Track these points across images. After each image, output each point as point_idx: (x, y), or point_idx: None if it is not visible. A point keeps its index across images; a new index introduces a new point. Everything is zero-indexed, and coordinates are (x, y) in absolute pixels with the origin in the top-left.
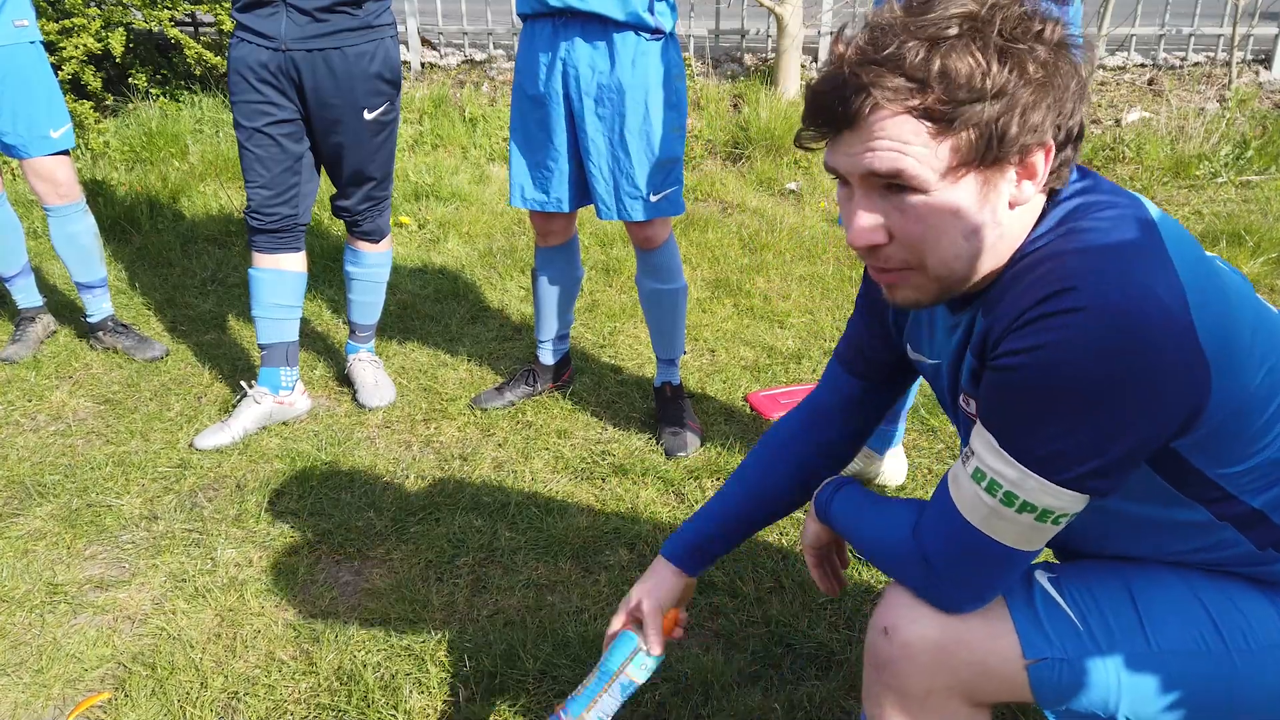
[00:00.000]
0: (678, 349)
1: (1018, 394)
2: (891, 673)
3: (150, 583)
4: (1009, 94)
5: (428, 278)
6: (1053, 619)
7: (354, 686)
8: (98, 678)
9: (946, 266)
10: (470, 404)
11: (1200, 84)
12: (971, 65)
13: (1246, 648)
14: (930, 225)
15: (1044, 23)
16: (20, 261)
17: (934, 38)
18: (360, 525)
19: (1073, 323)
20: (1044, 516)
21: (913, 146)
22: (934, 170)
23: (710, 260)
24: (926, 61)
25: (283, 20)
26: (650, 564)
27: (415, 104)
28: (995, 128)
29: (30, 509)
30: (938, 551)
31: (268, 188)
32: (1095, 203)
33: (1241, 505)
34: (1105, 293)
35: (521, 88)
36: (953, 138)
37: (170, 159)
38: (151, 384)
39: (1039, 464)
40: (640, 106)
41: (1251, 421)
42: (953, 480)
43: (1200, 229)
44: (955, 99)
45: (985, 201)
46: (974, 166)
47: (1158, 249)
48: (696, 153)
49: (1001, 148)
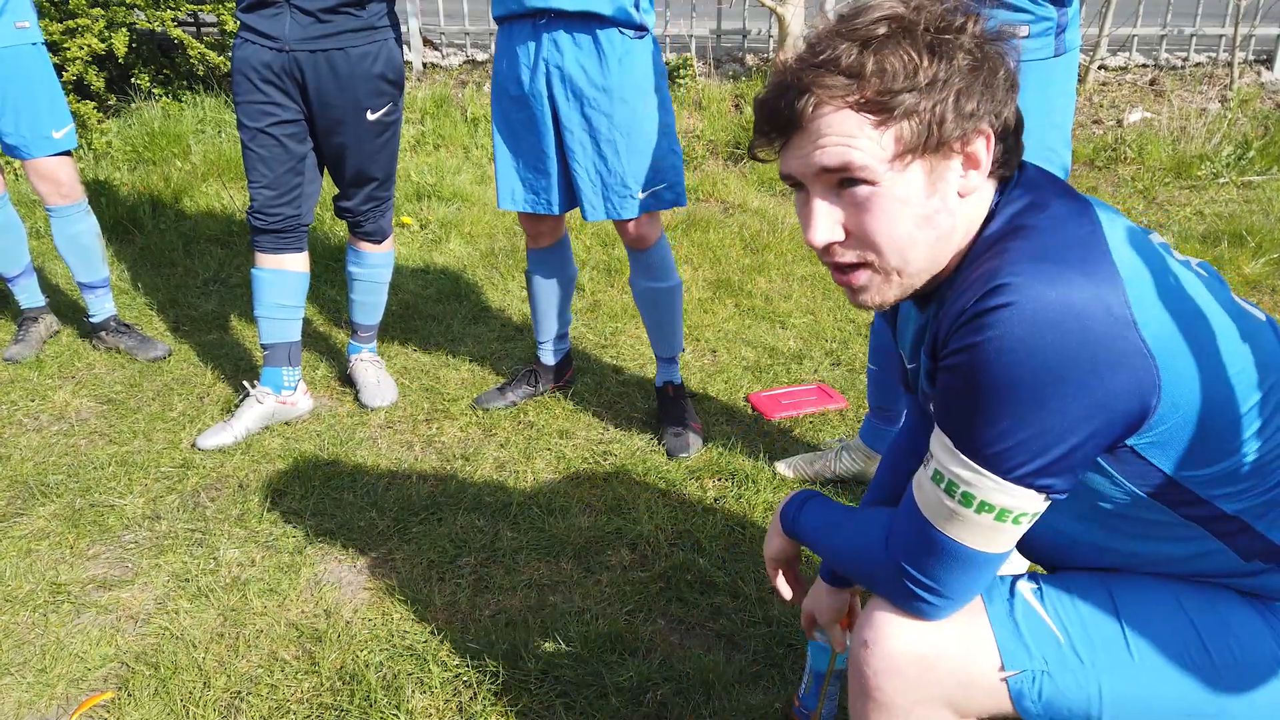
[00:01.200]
0: (677, 346)
1: (962, 393)
2: (874, 686)
3: (153, 582)
4: (941, 82)
5: (430, 278)
6: (1033, 630)
7: (356, 686)
8: (101, 677)
9: (901, 257)
10: (472, 405)
11: (1202, 84)
12: (903, 59)
13: (1232, 661)
14: (883, 215)
15: (966, 17)
16: (23, 262)
17: (865, 38)
18: (362, 525)
19: (1005, 318)
20: (1002, 516)
21: (858, 139)
22: (880, 160)
23: (712, 260)
24: (860, 58)
25: (286, 21)
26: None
27: (417, 104)
28: (934, 114)
29: (33, 509)
30: (908, 559)
31: (271, 188)
32: (1041, 203)
33: (1213, 509)
34: (1035, 288)
35: (503, 89)
36: (895, 126)
37: (173, 159)
38: (154, 384)
39: (989, 461)
40: (629, 104)
41: (1212, 426)
42: (916, 485)
43: (1202, 229)
44: (891, 90)
45: (934, 189)
46: (918, 154)
47: (1096, 246)
48: (698, 153)
49: (942, 133)
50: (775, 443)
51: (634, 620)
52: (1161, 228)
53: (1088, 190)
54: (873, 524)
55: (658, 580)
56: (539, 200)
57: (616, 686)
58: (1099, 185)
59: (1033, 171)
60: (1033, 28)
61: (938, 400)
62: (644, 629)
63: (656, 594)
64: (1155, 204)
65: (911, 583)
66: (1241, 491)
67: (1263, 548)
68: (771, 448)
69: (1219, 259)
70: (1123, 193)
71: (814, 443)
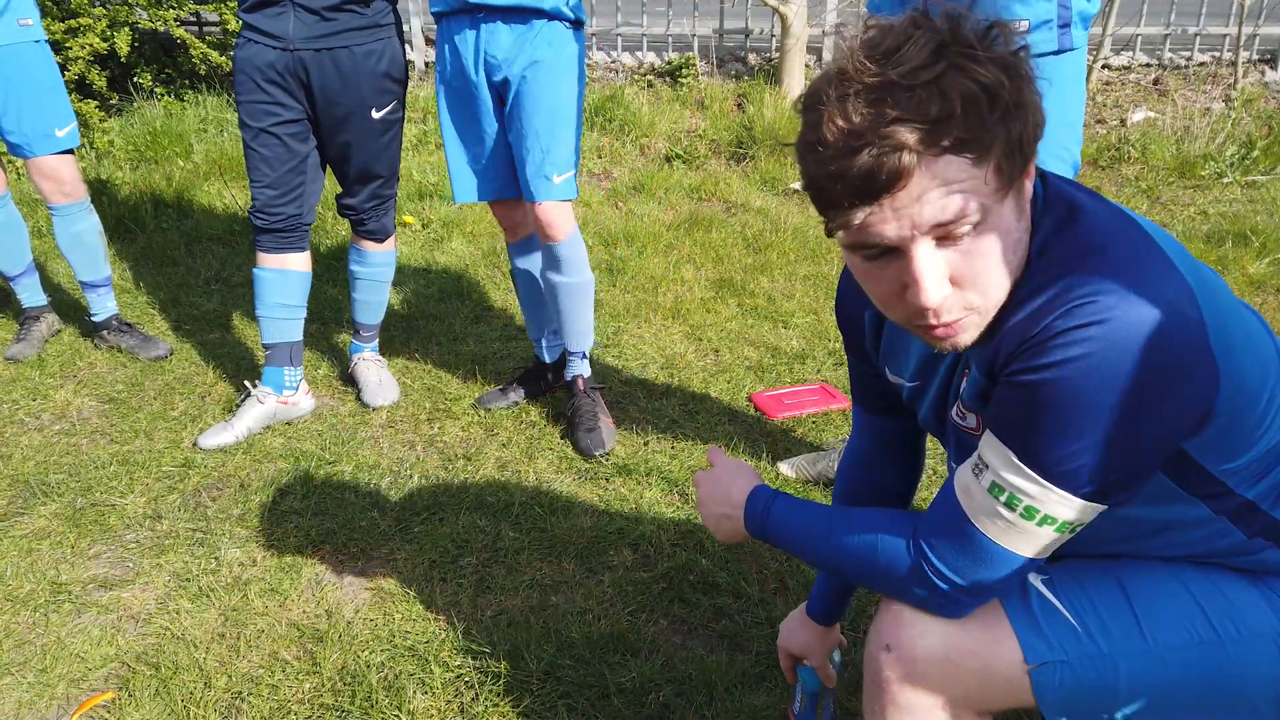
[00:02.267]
0: (587, 342)
1: (1037, 409)
2: (896, 689)
3: (154, 582)
4: (1016, 99)
5: (431, 277)
6: (1051, 622)
7: (357, 687)
8: (101, 677)
9: (1002, 290)
10: (474, 405)
11: (1206, 84)
12: (975, 85)
13: (1237, 635)
14: (990, 255)
15: (990, 24)
16: (25, 260)
17: (928, 79)
18: (364, 525)
19: (1098, 336)
20: (1063, 528)
21: (964, 183)
22: (987, 199)
23: (714, 260)
24: (939, 98)
25: (290, 20)
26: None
27: (419, 103)
28: (1023, 135)
29: (34, 508)
30: (948, 564)
31: (273, 187)
32: (1077, 209)
33: (1237, 499)
34: (1124, 305)
35: (448, 84)
36: (992, 161)
37: (174, 158)
38: (155, 383)
39: (1061, 479)
40: (557, 86)
41: (1248, 416)
42: (963, 491)
43: (1206, 229)
44: (979, 122)
45: (1021, 212)
46: (1013, 178)
47: (1159, 253)
48: (701, 153)
49: (1024, 153)
50: (778, 443)
51: (636, 621)
52: (1165, 228)
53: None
54: (883, 526)
55: (660, 581)
56: (493, 187)
57: (619, 687)
58: (1102, 185)
59: (1050, 177)
60: (1031, 20)
61: (1000, 414)
62: (646, 630)
63: (659, 595)
64: (1159, 204)
65: (942, 585)
66: (1259, 477)
67: (1266, 525)
68: (774, 448)
69: (1223, 259)
70: (1126, 192)
71: (817, 443)
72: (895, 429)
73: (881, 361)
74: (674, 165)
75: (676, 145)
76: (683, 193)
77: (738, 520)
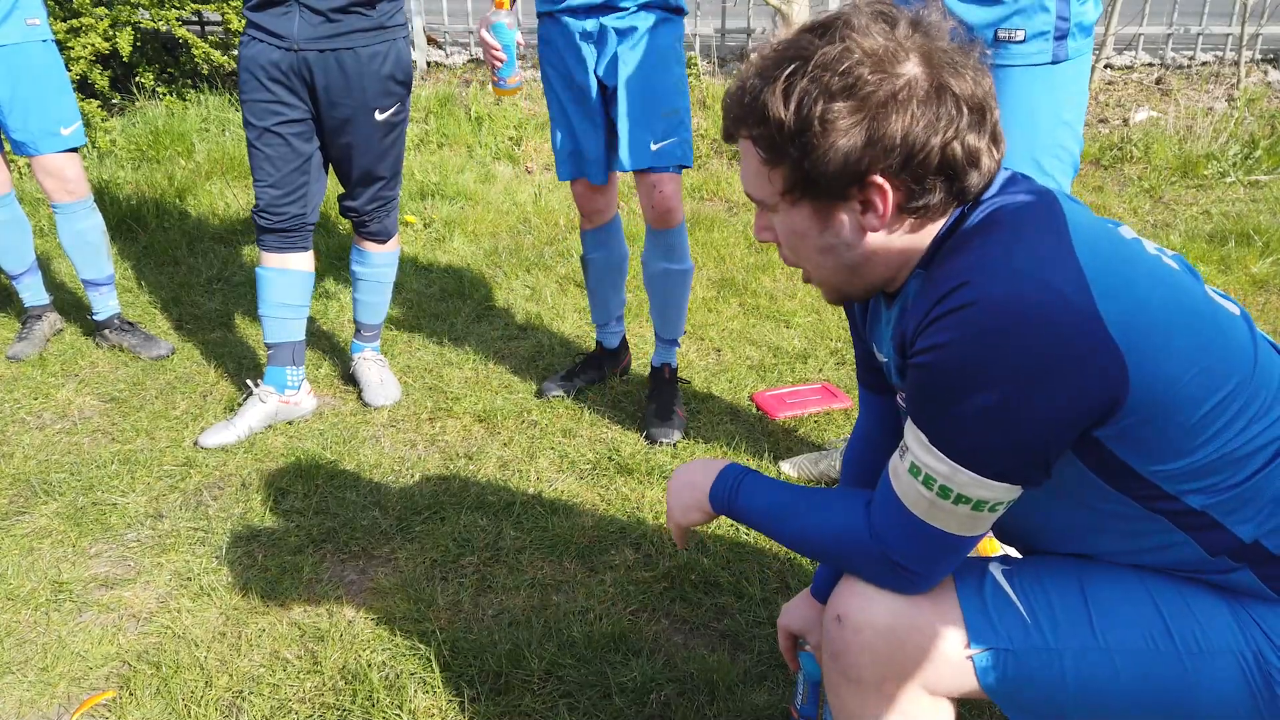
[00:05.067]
0: (680, 329)
1: (932, 391)
2: (846, 661)
3: (155, 581)
4: (811, 141)
5: (433, 276)
6: (1000, 610)
7: (359, 686)
8: (102, 676)
9: (817, 276)
10: (536, 394)
11: (1208, 83)
12: (780, 108)
13: (1196, 649)
14: (787, 238)
15: (897, 51)
16: (28, 260)
17: (767, 74)
18: (365, 524)
19: (968, 318)
20: (979, 506)
21: (758, 170)
22: (772, 194)
23: (716, 259)
24: (757, 95)
25: (295, 20)
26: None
27: (421, 103)
28: (804, 170)
29: (36, 507)
30: (894, 542)
31: (276, 187)
32: (1010, 202)
33: (1180, 504)
34: (995, 284)
35: (550, 72)
36: (777, 169)
37: (177, 158)
38: (157, 382)
39: (964, 458)
40: (658, 62)
41: (1181, 419)
42: (893, 473)
43: (1208, 229)
44: (769, 136)
45: (826, 227)
46: (801, 197)
47: (1058, 240)
48: (703, 152)
49: (820, 188)
50: (780, 442)
51: (638, 620)
52: (1168, 227)
53: (1094, 190)
54: (844, 508)
55: (662, 580)
56: (594, 168)
57: (620, 687)
58: (1105, 184)
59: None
60: (1028, 31)
61: (910, 396)
62: (648, 629)
63: (660, 594)
64: (1162, 203)
65: (900, 566)
66: (1209, 486)
67: (1230, 544)
68: (776, 447)
69: (1226, 258)
70: (1129, 192)
71: (819, 442)
72: (894, 406)
73: (868, 337)
74: None
75: None
76: (685, 192)
77: (702, 491)
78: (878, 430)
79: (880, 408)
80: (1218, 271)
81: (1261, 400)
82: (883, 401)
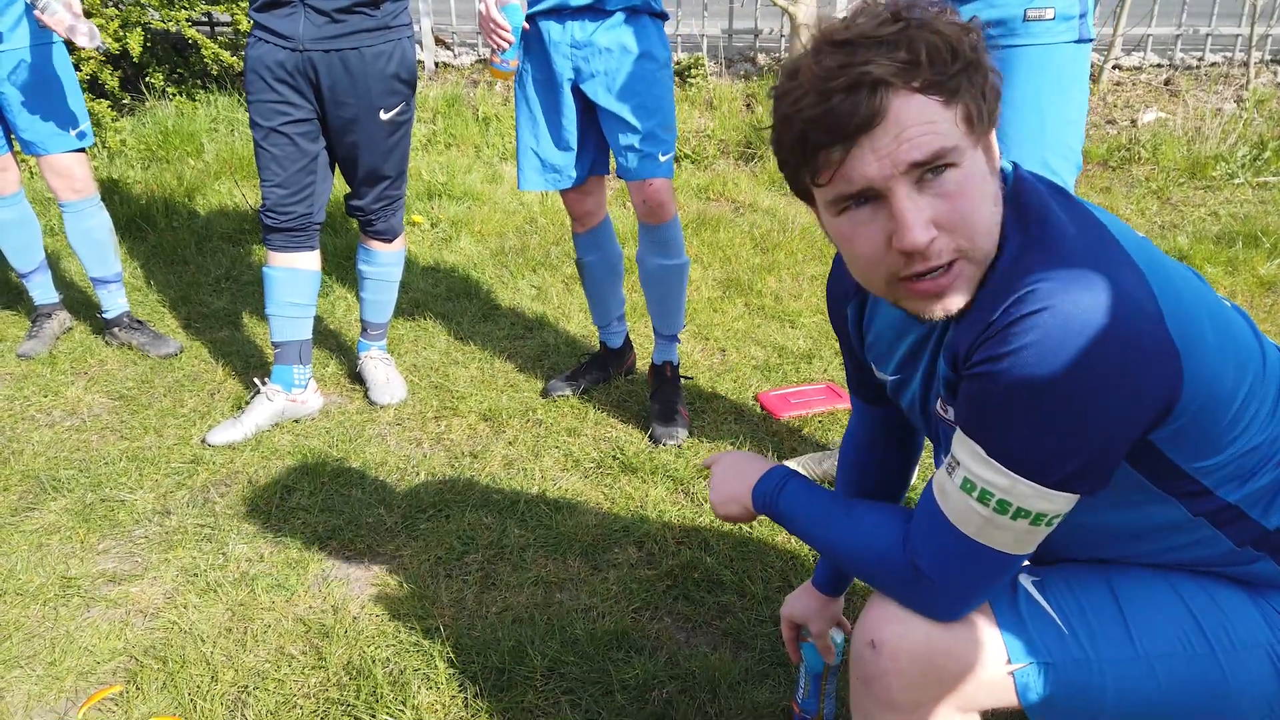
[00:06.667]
0: (679, 324)
1: (997, 401)
2: (881, 686)
3: (162, 577)
4: (974, 56)
5: (440, 276)
6: (1038, 623)
7: (363, 682)
8: (109, 671)
9: (990, 239)
10: (542, 394)
11: (1217, 84)
12: (936, 37)
13: (1230, 646)
14: (974, 195)
15: (943, 6)
16: (37, 258)
17: (892, 33)
18: (370, 522)
19: (1039, 324)
20: (1038, 520)
21: (938, 123)
22: (960, 141)
23: (722, 260)
24: (906, 46)
25: (300, 20)
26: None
27: (429, 103)
28: (983, 88)
29: (45, 503)
30: (933, 565)
31: (283, 186)
32: (1046, 204)
33: (1217, 500)
34: (1068, 291)
35: (525, 76)
36: (959, 106)
37: (186, 157)
38: (165, 380)
39: (1028, 469)
40: (652, 73)
41: (1222, 414)
42: (939, 491)
43: (1216, 230)
44: (944, 69)
45: (992, 168)
46: (982, 131)
47: (1113, 243)
48: (709, 153)
49: (988, 107)
50: (784, 442)
51: (641, 618)
52: (1175, 228)
53: (1101, 190)
54: (880, 524)
55: (665, 578)
56: (560, 177)
57: (622, 684)
58: (1113, 185)
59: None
60: (1057, 10)
61: (966, 409)
62: (651, 627)
63: (663, 592)
64: (1170, 204)
65: (935, 589)
66: (1241, 479)
67: (1256, 535)
68: (780, 447)
69: (1234, 260)
70: (1137, 193)
71: (823, 442)
72: (891, 415)
73: (867, 358)
74: (682, 165)
75: (685, 145)
76: (691, 192)
77: (748, 483)
78: (877, 435)
79: (876, 416)
80: (1225, 273)
81: (1275, 392)
82: (878, 411)
